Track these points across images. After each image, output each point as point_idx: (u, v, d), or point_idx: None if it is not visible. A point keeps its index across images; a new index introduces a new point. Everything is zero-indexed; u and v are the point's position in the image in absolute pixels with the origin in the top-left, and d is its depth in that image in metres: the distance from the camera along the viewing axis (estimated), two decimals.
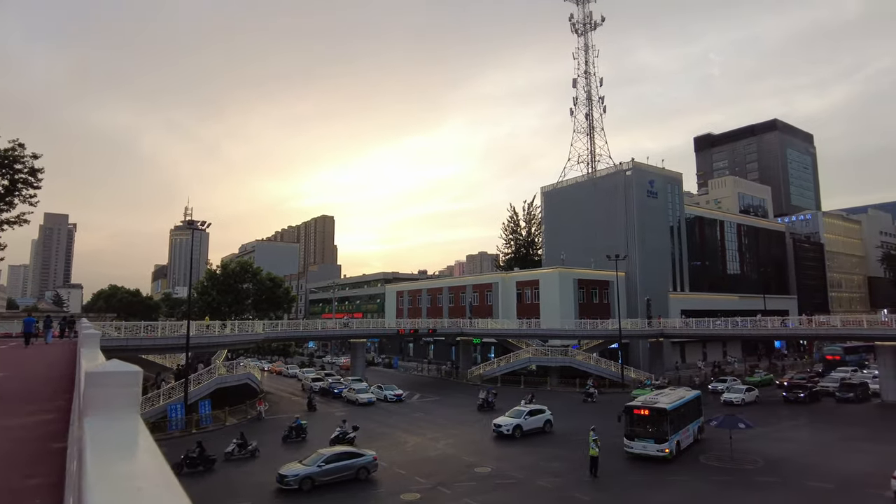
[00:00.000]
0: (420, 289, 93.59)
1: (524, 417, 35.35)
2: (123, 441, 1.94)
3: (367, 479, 25.70)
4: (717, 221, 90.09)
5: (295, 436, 34.93)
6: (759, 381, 58.71)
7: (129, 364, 2.41)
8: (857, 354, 71.93)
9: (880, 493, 23.22)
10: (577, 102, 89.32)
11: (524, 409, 36.81)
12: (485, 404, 45.16)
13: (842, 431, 36.47)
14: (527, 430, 34.82)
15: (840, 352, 70.75)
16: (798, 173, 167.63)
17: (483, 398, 45.86)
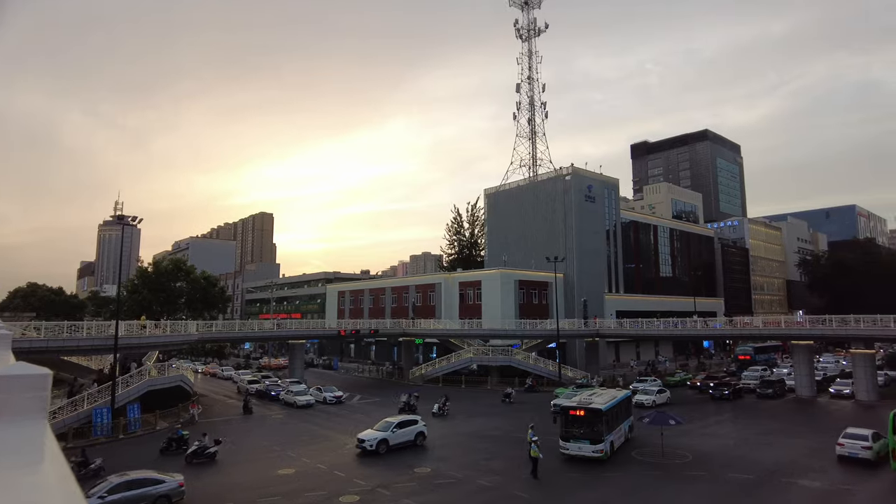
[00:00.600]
0: (362, 289, 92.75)
1: (391, 430, 31.35)
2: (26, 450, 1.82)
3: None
4: (651, 226, 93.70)
5: (175, 448, 31.04)
6: (678, 380, 60.46)
7: (38, 367, 2.26)
8: (767, 354, 76.00)
9: (794, 482, 24.79)
10: (520, 107, 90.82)
11: (393, 420, 32.75)
12: (406, 407, 42.80)
13: (762, 426, 38.66)
14: (394, 444, 30.86)
15: (751, 352, 74.06)
16: (726, 181, 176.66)
17: (405, 401, 43.59)
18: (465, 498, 23.41)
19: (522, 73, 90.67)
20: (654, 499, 22.98)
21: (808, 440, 33.72)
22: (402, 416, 34.89)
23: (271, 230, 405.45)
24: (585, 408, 29.01)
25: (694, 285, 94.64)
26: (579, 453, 28.25)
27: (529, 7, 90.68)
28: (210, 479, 26.17)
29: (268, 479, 26.09)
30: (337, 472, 27.04)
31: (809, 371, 53.39)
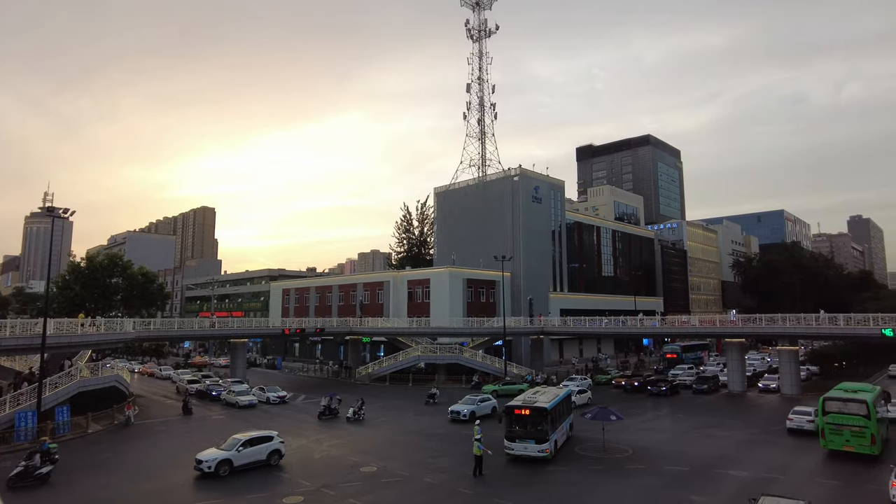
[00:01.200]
0: (308, 287, 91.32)
1: (237, 449, 26.70)
2: None
3: None
4: (594, 227, 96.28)
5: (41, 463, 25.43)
6: (606, 379, 60.96)
7: None
8: (694, 353, 77.77)
9: (725, 472, 26.07)
10: (470, 107, 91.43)
11: (241, 437, 27.65)
12: (326, 411, 41.01)
13: (697, 420, 40.43)
14: (240, 465, 26.42)
15: (678, 350, 74.72)
16: (667, 185, 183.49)
17: (325, 405, 41.56)
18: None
19: (473, 74, 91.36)
20: (596, 492, 23.68)
21: (740, 432, 35.50)
22: (254, 432, 29.04)
23: (213, 225, 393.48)
24: (531, 407, 28.66)
25: (635, 285, 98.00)
26: (525, 453, 28.00)
27: (480, 8, 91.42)
28: (149, 484, 25.19)
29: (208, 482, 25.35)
30: (280, 474, 26.54)
31: (741, 367, 56.18)
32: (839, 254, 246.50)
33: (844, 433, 28.60)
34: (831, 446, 29.03)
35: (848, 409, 28.83)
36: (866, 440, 28.05)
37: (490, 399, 42.35)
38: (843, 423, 28.72)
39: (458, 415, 39.32)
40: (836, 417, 28.88)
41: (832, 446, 28.99)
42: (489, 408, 40.83)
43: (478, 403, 40.59)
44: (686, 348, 76.77)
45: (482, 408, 40.19)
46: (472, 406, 39.99)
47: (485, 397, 42.61)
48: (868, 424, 28.10)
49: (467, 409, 39.65)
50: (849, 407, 28.85)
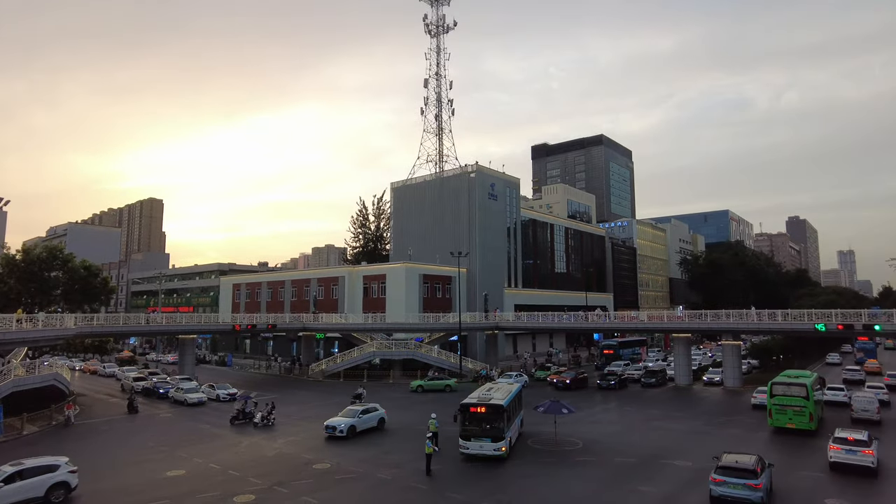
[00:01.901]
0: (260, 281, 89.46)
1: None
2: None
3: None
4: (548, 224, 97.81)
5: None
6: (544, 375, 59.61)
7: None
8: (631, 349, 77.38)
9: (671, 463, 27.04)
10: (427, 102, 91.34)
11: (9, 469, 21.52)
12: (240, 416, 37.67)
13: (645, 412, 41.70)
14: None
15: (615, 346, 75.03)
16: (618, 184, 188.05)
17: (238, 409, 38.25)
18: None
19: (430, 69, 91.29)
20: (548, 484, 24.15)
21: (685, 424, 36.85)
22: (35, 460, 22.63)
23: (161, 217, 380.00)
24: (486, 404, 28.11)
25: (586, 281, 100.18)
26: (480, 452, 27.35)
27: (439, 4, 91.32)
28: (91, 486, 24.24)
29: (155, 482, 24.57)
30: (231, 472, 25.99)
31: (687, 362, 58.24)
32: (778, 252, 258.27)
33: (788, 412, 33.53)
34: (777, 424, 33.70)
35: (790, 391, 33.81)
36: (805, 418, 33.03)
37: (376, 410, 35.48)
38: (786, 403, 33.65)
39: (335, 430, 32.47)
40: (781, 399, 33.75)
41: (777, 424, 33.69)
42: (374, 420, 34.89)
43: (359, 416, 33.94)
44: (623, 344, 76.74)
45: (364, 421, 34.05)
46: (350, 420, 33.34)
47: (370, 408, 35.43)
48: (807, 405, 33.06)
49: (345, 423, 32.92)
50: (791, 390, 33.85)
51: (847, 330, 47.59)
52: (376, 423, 34.82)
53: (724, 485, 20.66)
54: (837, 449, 25.40)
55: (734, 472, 20.73)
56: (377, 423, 34.85)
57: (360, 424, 33.56)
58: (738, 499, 20.32)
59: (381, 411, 35.64)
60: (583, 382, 55.03)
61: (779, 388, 34.20)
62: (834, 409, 40.31)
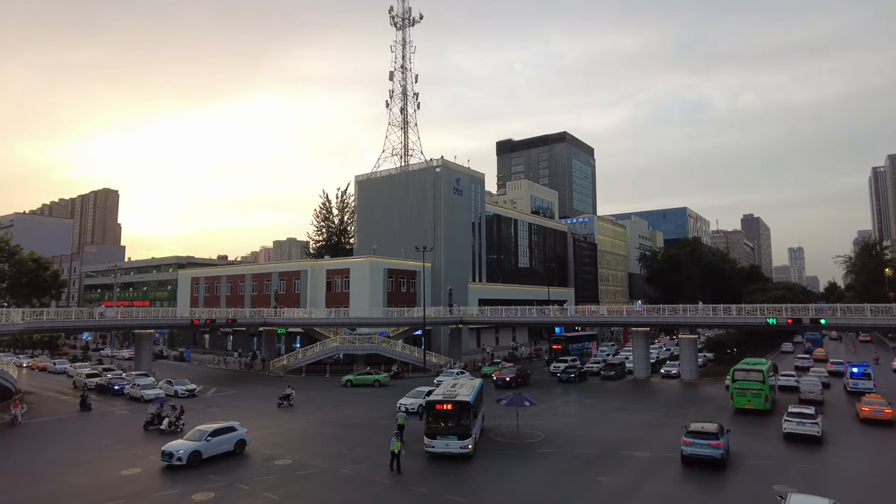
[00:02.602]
0: (219, 275, 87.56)
1: None
2: None
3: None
4: (512, 220, 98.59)
5: None
6: (491, 371, 57.45)
7: None
8: (581, 343, 74.92)
9: (630, 453, 27.69)
10: (392, 95, 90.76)
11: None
12: (155, 420, 33.55)
13: (604, 405, 42.60)
14: None
15: (564, 341, 72.24)
16: (580, 181, 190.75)
17: (153, 413, 34.06)
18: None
19: (396, 62, 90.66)
20: (510, 476, 24.43)
21: (644, 416, 37.79)
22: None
23: (116, 209, 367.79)
24: (452, 401, 27.42)
25: (548, 276, 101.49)
26: (447, 450, 26.67)
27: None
28: (39, 487, 23.36)
29: (110, 481, 23.84)
30: (191, 469, 25.44)
31: (646, 355, 59.72)
32: (733, 249, 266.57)
33: (747, 395, 38.57)
34: (737, 405, 38.66)
35: (749, 377, 38.93)
36: (762, 399, 38.14)
37: (234, 430, 28.33)
38: (746, 387, 38.71)
39: (171, 458, 25.50)
40: (741, 383, 38.86)
41: (738, 405, 38.62)
42: (230, 443, 27.79)
43: (207, 439, 26.79)
44: (572, 339, 74.57)
45: (214, 445, 26.91)
46: (195, 444, 26.44)
47: (223, 427, 28.15)
48: (763, 388, 38.27)
49: (185, 449, 25.91)
50: (750, 375, 39.00)
51: (796, 324, 49.86)
52: (233, 447, 27.83)
53: (692, 445, 25.51)
54: (790, 422, 30.63)
55: (700, 436, 25.57)
56: (234, 447, 27.89)
57: (207, 449, 26.62)
58: (703, 456, 25.12)
59: (239, 431, 28.53)
60: (524, 380, 52.73)
61: (739, 374, 39.28)
62: (786, 392, 45.99)
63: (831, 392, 47.44)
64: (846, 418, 36.91)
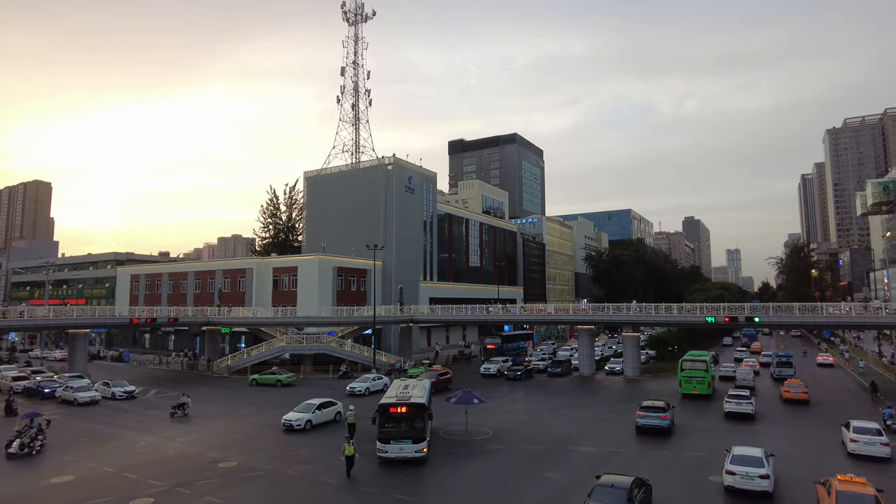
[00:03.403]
0: (160, 272, 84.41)
1: None
2: None
3: None
4: (463, 219, 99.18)
5: None
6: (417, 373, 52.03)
7: None
8: (516, 343, 73.55)
9: (575, 449, 28.36)
10: (344, 91, 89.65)
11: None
12: (18, 448, 27.50)
13: (551, 401, 43.45)
14: None
15: (499, 342, 70.73)
16: (530, 182, 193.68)
17: (18, 430, 28.74)
18: None
19: (348, 58, 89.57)
20: (459, 472, 24.60)
21: (589, 412, 38.75)
22: None
23: (49, 202, 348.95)
24: (407, 403, 26.68)
25: (498, 275, 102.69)
26: (401, 455, 25.82)
27: None
28: None
29: (38, 490, 22.63)
30: (127, 475, 24.43)
31: (591, 352, 61.20)
32: (675, 250, 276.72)
33: (693, 382, 44.19)
34: (685, 391, 44.09)
35: (695, 366, 44.69)
36: (705, 386, 43.85)
37: None
38: (692, 375, 44.29)
39: None
40: (688, 372, 44.45)
41: (685, 391, 44.07)
42: None
43: None
44: (507, 338, 72.83)
45: None
46: None
47: None
48: (706, 376, 44.03)
49: None
50: (695, 365, 44.83)
51: (732, 322, 52.66)
52: None
53: (645, 417, 31.63)
54: (730, 402, 36.40)
55: (651, 409, 31.92)
56: None
57: None
58: (653, 426, 31.44)
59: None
60: (444, 384, 47.19)
61: (686, 364, 45.15)
62: (725, 381, 51.67)
63: (761, 379, 54.76)
64: (773, 399, 43.69)
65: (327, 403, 35.49)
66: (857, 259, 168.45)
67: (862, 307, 54.45)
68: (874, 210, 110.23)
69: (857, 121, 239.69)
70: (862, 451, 26.33)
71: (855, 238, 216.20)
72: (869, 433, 26.63)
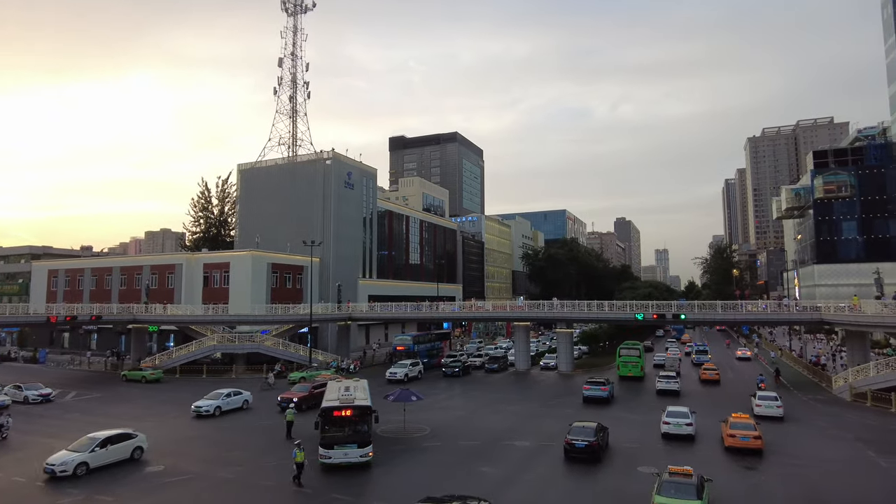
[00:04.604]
0: (82, 268, 79.68)
1: None
2: None
3: None
4: (404, 216, 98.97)
5: None
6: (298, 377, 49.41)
7: None
8: (430, 343, 65.75)
9: (511, 443, 28.91)
10: (281, 83, 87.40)
11: None
12: None
13: (488, 397, 44.10)
14: None
15: (409, 342, 61.77)
16: (470, 181, 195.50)
17: None
18: None
19: (286, 49, 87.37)
20: (396, 470, 24.57)
21: (524, 406, 39.59)
22: None
23: None
24: (352, 406, 25.49)
25: (438, 272, 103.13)
26: (345, 460, 24.55)
27: None
28: None
29: None
30: (39, 484, 22.96)
31: (526, 348, 62.51)
32: (607, 250, 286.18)
33: (629, 366, 53.54)
34: (622, 374, 53.24)
35: (630, 353, 54.15)
36: (638, 369, 53.32)
37: None
38: (627, 360, 53.73)
39: None
40: (625, 358, 53.93)
41: (622, 373, 53.23)
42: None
43: None
44: (420, 339, 63.97)
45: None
46: None
47: None
48: (639, 361, 53.74)
49: None
50: (630, 352, 54.26)
51: (660, 319, 55.50)
52: None
53: (589, 390, 41.13)
54: (661, 381, 45.04)
55: (594, 383, 41.72)
56: None
57: None
58: (596, 396, 40.71)
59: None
60: (313, 399, 37.73)
61: (623, 351, 54.86)
62: (657, 367, 58.81)
63: (684, 365, 62.95)
64: (693, 380, 53.09)
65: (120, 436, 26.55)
66: (773, 260, 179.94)
67: (776, 305, 58.83)
68: (788, 214, 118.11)
69: (774, 130, 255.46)
70: (763, 412, 34.99)
71: (771, 240, 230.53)
72: (768, 399, 36.00)
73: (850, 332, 48.85)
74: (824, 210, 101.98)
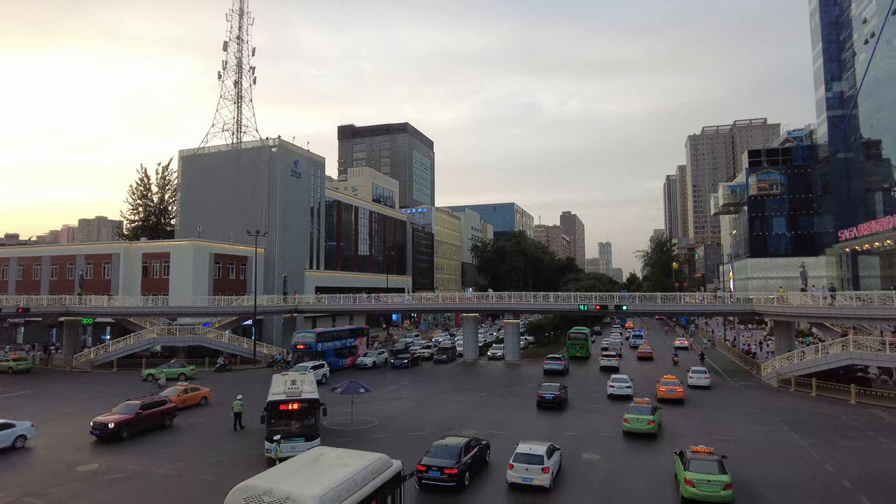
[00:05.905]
0: (7, 257, 75.17)
1: None
2: None
3: None
4: (353, 207, 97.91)
5: None
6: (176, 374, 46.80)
7: None
8: (341, 340, 58.18)
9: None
10: (226, 67, 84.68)
11: None
12: None
13: (436, 387, 44.36)
14: None
15: (312, 340, 53.89)
16: (420, 172, 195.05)
17: None
18: None
19: (231, 32, 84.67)
20: None
21: (472, 396, 40.05)
22: None
23: None
24: (300, 399, 25.10)
25: (388, 264, 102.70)
26: (293, 454, 22.08)
27: None
28: None
29: None
30: None
31: (474, 339, 63.22)
32: (553, 242, 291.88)
33: (577, 347, 62.46)
34: (571, 354, 60.99)
35: (578, 336, 63.31)
36: (585, 350, 62.57)
37: None
38: (576, 343, 62.96)
39: None
40: (574, 340, 63.00)
41: (571, 354, 61.05)
42: None
43: None
44: (325, 336, 55.69)
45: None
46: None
47: None
48: (586, 343, 63.51)
49: None
50: (578, 335, 63.37)
51: (603, 309, 57.06)
52: None
53: (549, 364, 49.92)
54: (603, 359, 54.18)
55: (553, 359, 50.97)
56: None
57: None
58: (553, 369, 49.35)
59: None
60: (140, 425, 29.35)
61: (573, 335, 63.52)
62: (603, 350, 62.47)
63: (624, 346, 74.30)
64: (631, 358, 63.45)
65: None
66: (710, 254, 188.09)
67: (712, 297, 61.76)
68: (724, 210, 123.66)
69: (713, 129, 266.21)
70: (694, 383, 43.21)
71: (709, 235, 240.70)
72: (699, 373, 44.36)
73: (777, 322, 51.83)
74: (757, 207, 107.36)
